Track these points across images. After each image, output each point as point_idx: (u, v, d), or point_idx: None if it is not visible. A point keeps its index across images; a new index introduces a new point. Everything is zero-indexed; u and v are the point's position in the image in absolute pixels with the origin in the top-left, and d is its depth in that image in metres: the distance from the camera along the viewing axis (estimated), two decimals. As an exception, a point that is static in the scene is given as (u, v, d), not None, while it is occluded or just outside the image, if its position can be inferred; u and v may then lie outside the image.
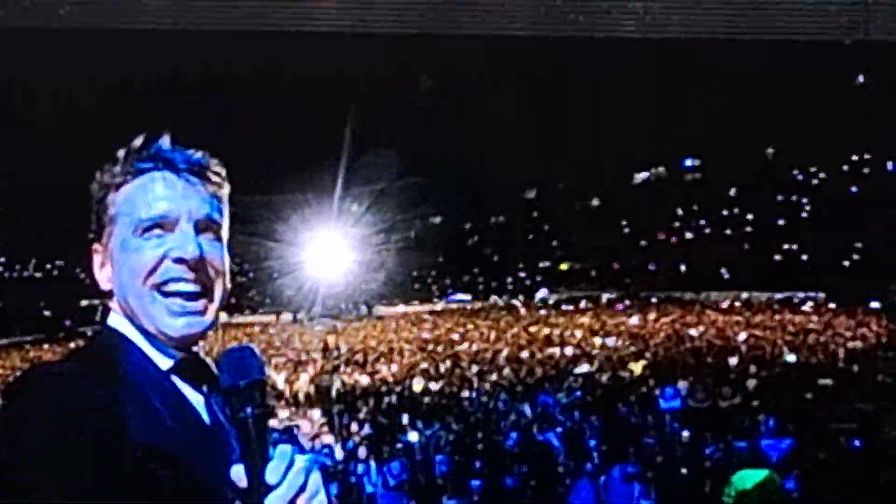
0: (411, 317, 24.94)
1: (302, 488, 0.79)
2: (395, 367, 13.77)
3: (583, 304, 29.08)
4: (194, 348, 0.98)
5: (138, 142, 0.97)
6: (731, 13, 3.38)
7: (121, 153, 0.97)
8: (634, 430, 8.19)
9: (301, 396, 11.61)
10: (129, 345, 0.94)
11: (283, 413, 9.80)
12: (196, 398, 0.94)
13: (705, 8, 3.46)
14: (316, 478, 0.82)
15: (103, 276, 0.98)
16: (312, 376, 13.46)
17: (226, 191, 1.01)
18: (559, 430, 8.44)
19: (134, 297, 0.93)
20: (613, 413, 8.79)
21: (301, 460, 0.80)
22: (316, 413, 9.41)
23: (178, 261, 0.91)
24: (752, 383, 9.73)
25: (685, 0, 3.37)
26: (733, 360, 12.00)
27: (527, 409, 9.52)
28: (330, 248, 23.98)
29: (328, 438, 8.28)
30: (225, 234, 1.00)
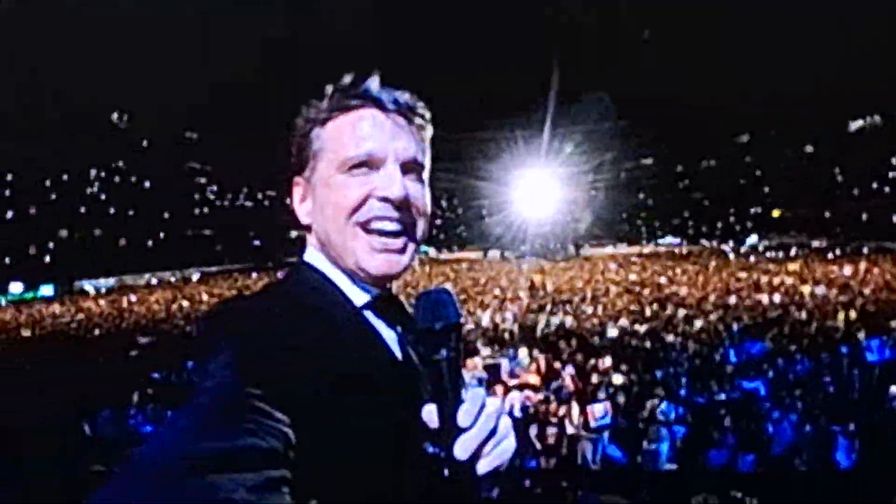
0: (619, 258, 24.35)
1: (492, 432, 0.80)
2: (600, 309, 13.55)
3: (793, 251, 26.89)
4: (391, 286, 0.99)
5: (348, 79, 0.97)
6: None
7: (329, 89, 0.98)
8: (841, 382, 7.69)
9: (506, 335, 11.78)
10: (325, 280, 0.96)
11: (486, 351, 9.95)
12: (389, 335, 0.94)
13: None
14: (506, 422, 0.83)
15: (303, 210, 1.00)
16: (518, 315, 13.60)
17: (429, 133, 1.00)
18: (765, 378, 8.02)
19: (335, 233, 0.93)
20: (820, 363, 8.25)
21: (493, 404, 0.81)
22: (522, 352, 9.48)
23: (384, 199, 0.91)
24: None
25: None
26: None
27: (732, 356, 9.07)
28: (539, 188, 23.96)
29: (532, 379, 8.34)
30: (427, 175, 0.99)
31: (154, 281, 41.37)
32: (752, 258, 23.33)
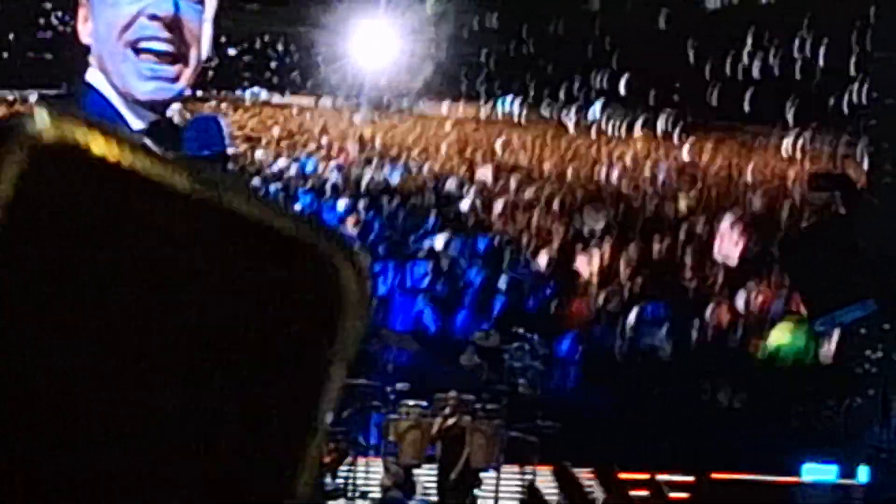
0: (454, 117, 24.10)
1: None
2: (429, 167, 13.26)
3: (637, 127, 28.03)
4: (169, 113, 0.96)
5: None
6: None
7: None
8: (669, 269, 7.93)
9: (327, 186, 11.28)
10: (104, 101, 0.93)
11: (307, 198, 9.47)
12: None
13: None
14: None
15: (85, 31, 0.98)
16: (342, 165, 13.10)
17: None
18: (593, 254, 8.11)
19: (108, 53, 0.92)
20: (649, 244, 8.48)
21: None
22: (341, 204, 9.04)
23: (153, 17, 0.89)
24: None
25: None
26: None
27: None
28: (377, 38, 22.90)
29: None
30: None
31: None
32: (593, 131, 23.94)
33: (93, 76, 0.94)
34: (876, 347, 5.92)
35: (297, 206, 8.39)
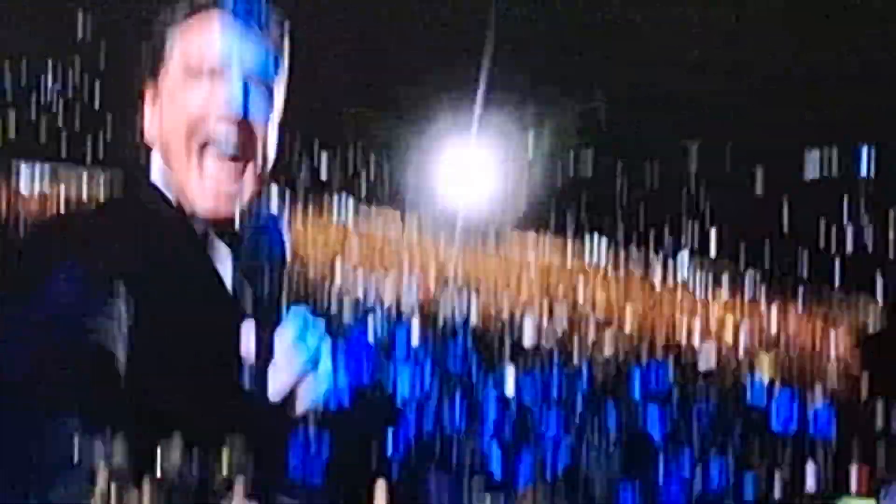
0: (539, 249, 24.04)
1: (309, 351, 0.83)
2: (508, 303, 13.08)
3: (725, 279, 27.72)
4: (233, 214, 0.91)
5: None
6: None
7: None
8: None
9: (401, 314, 11.14)
10: (165, 201, 0.91)
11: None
12: (226, 268, 0.91)
13: None
14: (327, 343, 0.86)
15: (149, 119, 0.96)
16: (419, 295, 13.03)
17: (286, 46, 0.95)
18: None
19: (173, 151, 0.90)
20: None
21: (317, 325, 0.84)
22: (413, 334, 8.87)
23: (221, 117, 0.87)
24: None
25: None
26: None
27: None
28: (468, 165, 23.13)
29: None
30: (280, 93, 0.94)
31: None
32: (679, 277, 23.29)
33: (155, 170, 0.94)
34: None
35: (368, 332, 8.29)
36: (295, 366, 0.78)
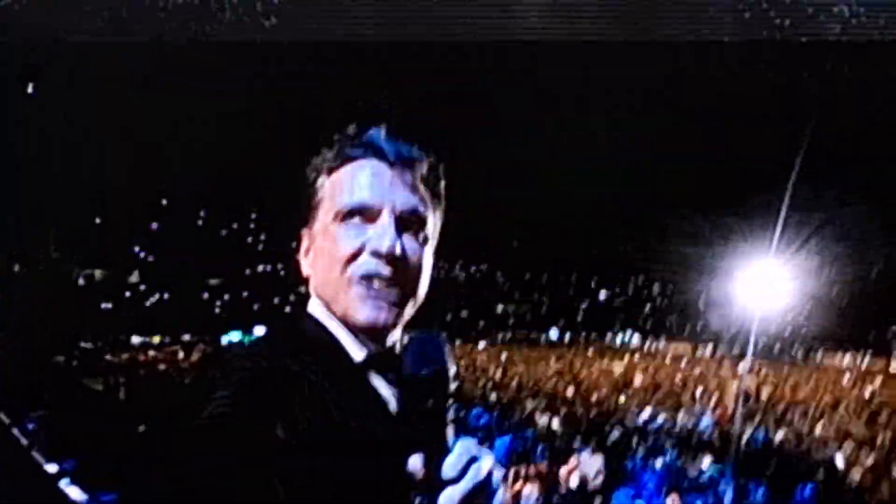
0: (856, 370, 20.73)
1: (481, 485, 0.79)
2: (822, 426, 11.28)
3: None
4: (390, 342, 0.96)
5: (352, 128, 0.98)
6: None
7: (336, 138, 0.98)
8: None
9: (699, 441, 10.18)
10: (325, 332, 0.95)
11: (672, 453, 8.64)
12: (387, 393, 0.92)
13: None
14: (497, 476, 0.82)
15: (306, 262, 1.00)
16: (718, 421, 11.86)
17: (440, 188, 1.00)
18: None
19: (328, 283, 0.94)
20: None
21: (487, 458, 0.80)
22: (707, 463, 7.97)
23: (375, 254, 0.90)
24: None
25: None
26: None
27: None
28: (767, 280, 21.40)
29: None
30: (433, 232, 0.98)
31: None
32: None
33: (314, 307, 0.97)
34: None
35: (658, 463, 7.63)
36: (468, 483, 0.76)
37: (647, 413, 11.55)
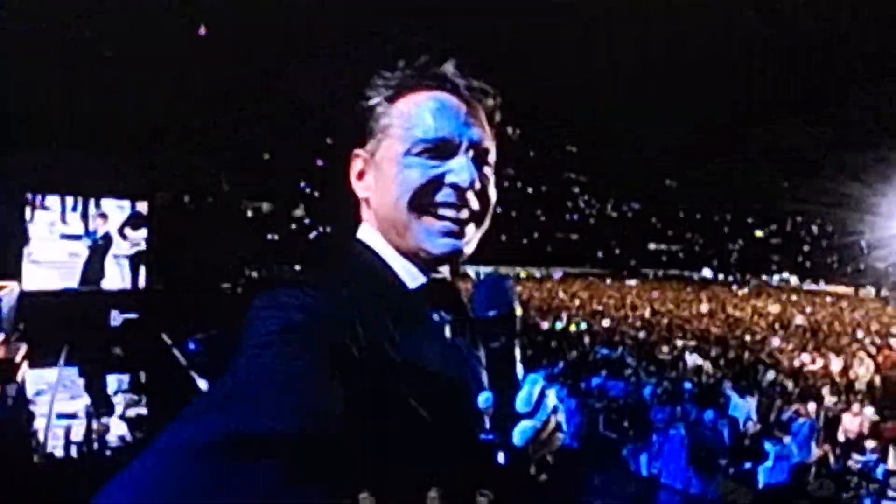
0: None
1: (552, 419, 0.81)
2: None
3: None
4: (443, 273, 0.97)
5: (424, 59, 0.96)
6: None
7: (402, 64, 0.96)
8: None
9: (859, 387, 9.89)
10: (378, 260, 0.94)
11: (831, 399, 8.46)
12: (441, 321, 0.93)
13: None
14: (560, 410, 0.84)
15: (361, 185, 0.97)
16: (883, 366, 11.35)
17: (497, 118, 0.99)
18: None
19: (397, 213, 0.91)
20: None
21: (552, 393, 0.82)
22: (868, 411, 7.80)
23: (453, 186, 0.91)
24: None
25: None
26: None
27: None
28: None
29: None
30: (493, 160, 0.97)
31: (522, 274, 44.33)
32: None
33: (365, 233, 0.96)
34: None
35: (813, 409, 7.49)
36: (540, 417, 0.77)
37: (805, 357, 11.27)
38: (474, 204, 0.91)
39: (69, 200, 12.74)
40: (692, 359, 10.69)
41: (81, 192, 12.73)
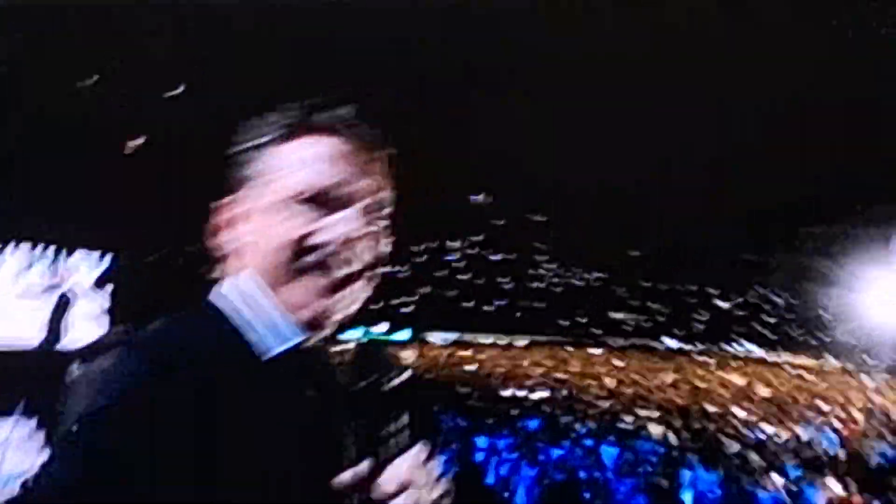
0: None
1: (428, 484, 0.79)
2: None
3: None
4: (326, 331, 0.88)
5: (318, 101, 0.90)
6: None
7: (287, 108, 0.90)
8: None
9: (824, 460, 9.77)
10: (229, 328, 0.84)
11: (795, 472, 8.34)
12: (292, 393, 0.84)
13: None
14: (447, 481, 0.82)
15: (229, 236, 0.90)
16: (846, 439, 11.31)
17: (389, 170, 0.92)
18: None
19: (275, 263, 0.84)
20: None
21: (436, 462, 0.80)
22: (832, 483, 7.68)
23: (339, 239, 0.84)
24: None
25: None
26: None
27: None
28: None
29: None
30: (386, 214, 0.91)
31: (486, 341, 44.04)
32: None
33: (229, 289, 0.86)
34: None
35: (779, 482, 7.41)
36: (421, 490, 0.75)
37: (768, 428, 11.19)
38: (361, 259, 0.85)
39: (36, 252, 12.35)
40: (656, 429, 10.53)
41: (48, 243, 12.41)
